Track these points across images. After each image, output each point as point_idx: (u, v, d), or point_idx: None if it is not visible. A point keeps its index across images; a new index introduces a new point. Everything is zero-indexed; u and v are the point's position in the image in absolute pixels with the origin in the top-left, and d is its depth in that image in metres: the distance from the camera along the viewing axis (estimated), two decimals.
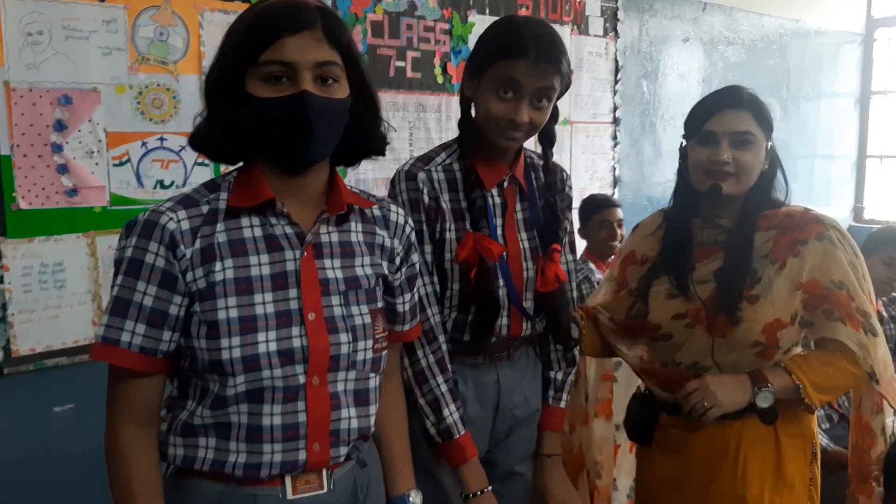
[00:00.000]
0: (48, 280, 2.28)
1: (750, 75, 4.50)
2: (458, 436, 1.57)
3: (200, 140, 1.24)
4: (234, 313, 1.18)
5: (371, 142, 1.32)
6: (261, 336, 1.18)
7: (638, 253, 1.86)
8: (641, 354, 1.79)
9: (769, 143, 1.69)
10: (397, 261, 1.38)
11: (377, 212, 1.36)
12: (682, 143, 1.75)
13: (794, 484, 1.69)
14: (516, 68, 1.50)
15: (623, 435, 1.99)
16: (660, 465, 1.81)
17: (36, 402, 2.29)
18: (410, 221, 1.42)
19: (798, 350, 1.70)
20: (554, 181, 1.71)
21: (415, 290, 1.44)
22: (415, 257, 1.42)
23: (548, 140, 1.67)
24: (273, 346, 1.19)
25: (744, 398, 1.62)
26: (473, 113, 1.62)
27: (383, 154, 1.34)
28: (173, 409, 1.26)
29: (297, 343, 1.20)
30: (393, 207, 1.39)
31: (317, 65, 1.18)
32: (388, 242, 1.36)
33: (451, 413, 1.56)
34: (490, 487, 1.58)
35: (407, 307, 1.42)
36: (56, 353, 2.30)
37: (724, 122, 1.65)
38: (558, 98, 1.61)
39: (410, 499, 1.44)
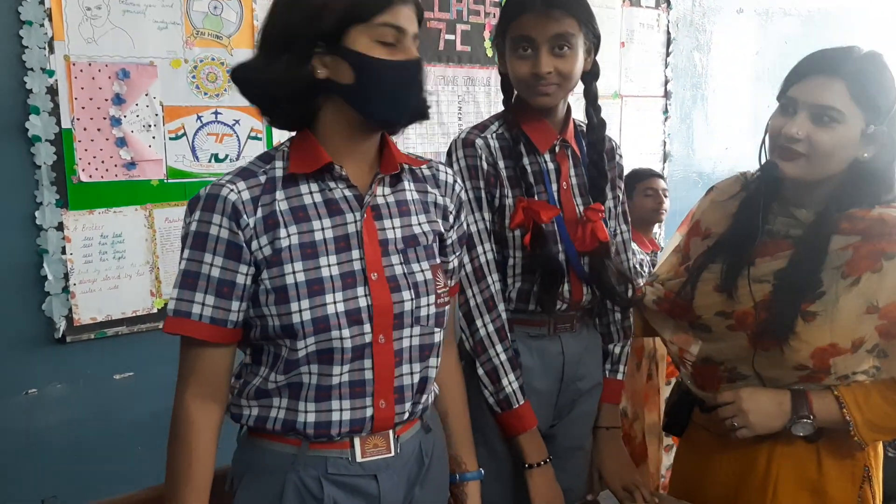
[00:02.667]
0: (108, 251, 2.32)
1: (806, 50, 4.36)
2: (516, 405, 1.57)
3: (269, 90, 1.23)
4: (301, 277, 1.21)
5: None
6: (328, 297, 1.21)
7: (703, 224, 1.66)
8: (682, 344, 1.63)
9: (871, 127, 1.39)
10: (451, 219, 1.40)
11: (427, 171, 1.38)
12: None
13: None
14: (525, 23, 1.52)
15: None
16: (691, 462, 1.71)
17: (97, 369, 2.34)
18: (459, 181, 1.44)
19: (861, 378, 1.45)
20: (599, 139, 1.67)
21: (463, 248, 1.45)
22: (464, 217, 1.44)
23: (590, 98, 1.65)
24: (340, 307, 1.22)
25: (778, 423, 1.45)
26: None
27: (428, 117, 1.34)
28: (245, 376, 1.29)
29: (362, 303, 1.23)
30: (441, 167, 1.41)
31: (414, 35, 1.24)
32: (440, 200, 1.38)
33: (510, 382, 1.56)
34: (549, 459, 1.58)
35: (456, 263, 1.44)
36: (116, 322, 2.35)
37: (808, 91, 1.40)
38: (596, 51, 1.60)
39: (469, 476, 1.46)
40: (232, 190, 1.21)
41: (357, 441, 1.27)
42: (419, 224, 1.33)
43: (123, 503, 1.62)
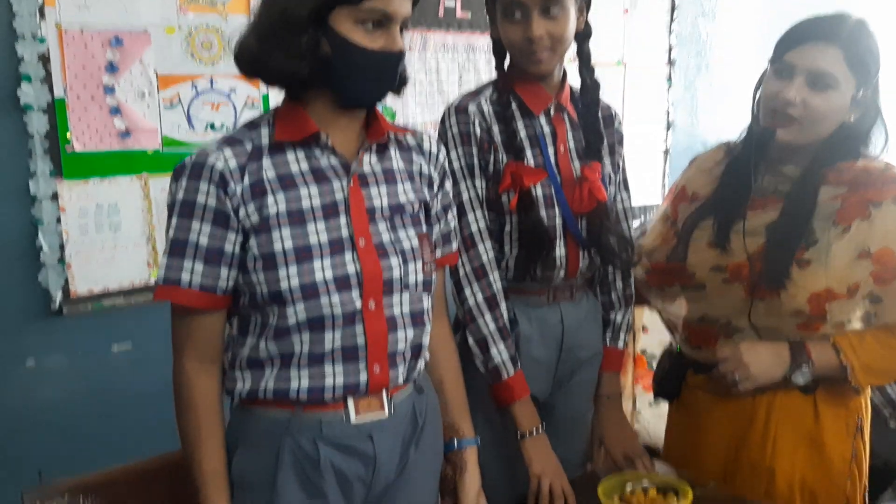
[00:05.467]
0: (103, 222, 2.29)
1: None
2: (506, 376, 1.55)
3: (272, 65, 1.21)
4: (289, 244, 1.21)
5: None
6: (316, 264, 1.21)
7: (689, 189, 1.70)
8: (674, 308, 1.68)
9: (860, 92, 1.45)
10: (434, 187, 1.40)
11: (411, 140, 1.39)
12: (766, 67, 1.55)
13: (833, 459, 1.56)
14: None
15: None
16: (686, 426, 1.73)
17: (95, 342, 2.33)
18: (444, 150, 1.44)
19: (857, 325, 1.50)
20: (593, 101, 1.64)
21: (448, 217, 1.44)
22: (448, 186, 1.44)
23: (582, 58, 1.62)
24: (329, 273, 1.22)
25: (779, 372, 1.49)
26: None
27: (400, 94, 1.34)
28: (233, 348, 1.29)
29: (350, 269, 1.23)
30: (426, 136, 1.41)
31: (404, 20, 1.22)
32: (425, 169, 1.38)
33: (499, 353, 1.55)
34: (542, 425, 1.57)
35: (441, 234, 1.43)
36: (113, 294, 2.33)
37: (805, 56, 1.43)
38: (587, 9, 1.58)
39: (466, 443, 1.46)
40: (219, 157, 1.20)
41: (351, 402, 1.27)
42: (405, 192, 1.33)
43: (121, 474, 1.62)
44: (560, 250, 1.58)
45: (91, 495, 1.60)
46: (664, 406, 1.81)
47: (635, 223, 1.78)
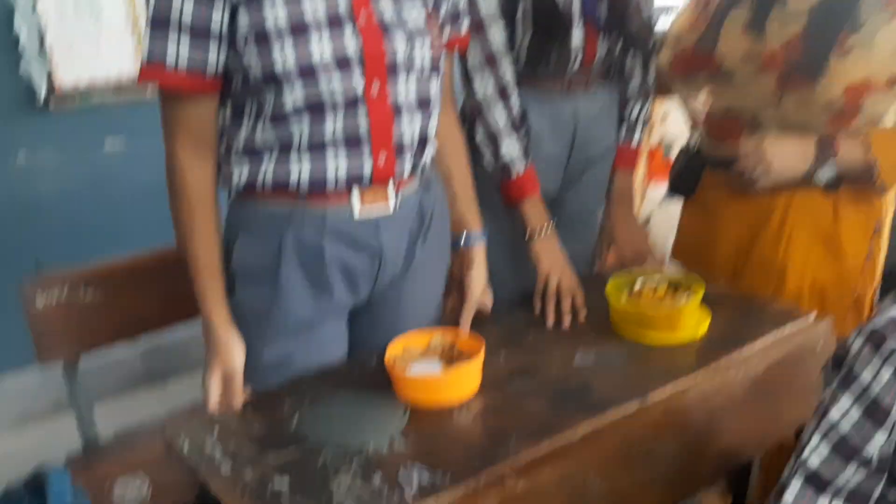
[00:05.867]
0: (83, 7, 2.13)
1: None
2: (516, 174, 1.48)
3: None
4: (282, 18, 1.10)
5: None
6: (313, 40, 1.11)
7: None
8: (698, 99, 1.57)
9: None
10: None
11: None
12: None
13: (847, 260, 1.52)
14: None
15: None
16: (699, 224, 1.68)
17: (87, 137, 2.26)
18: None
19: (892, 120, 1.43)
20: None
21: None
22: None
23: None
24: (327, 52, 1.12)
25: (802, 168, 1.42)
26: None
27: None
28: (228, 134, 1.21)
29: (350, 46, 1.13)
30: None
31: None
32: None
33: (509, 148, 1.46)
34: (552, 223, 1.51)
35: (449, 13, 1.31)
36: (101, 89, 2.21)
37: None
38: None
39: (473, 237, 1.42)
40: None
41: (356, 193, 1.21)
42: None
43: (120, 265, 1.60)
44: (577, 34, 1.45)
45: (90, 286, 1.58)
46: (674, 210, 1.75)
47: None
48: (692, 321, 1.36)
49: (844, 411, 0.90)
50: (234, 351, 1.20)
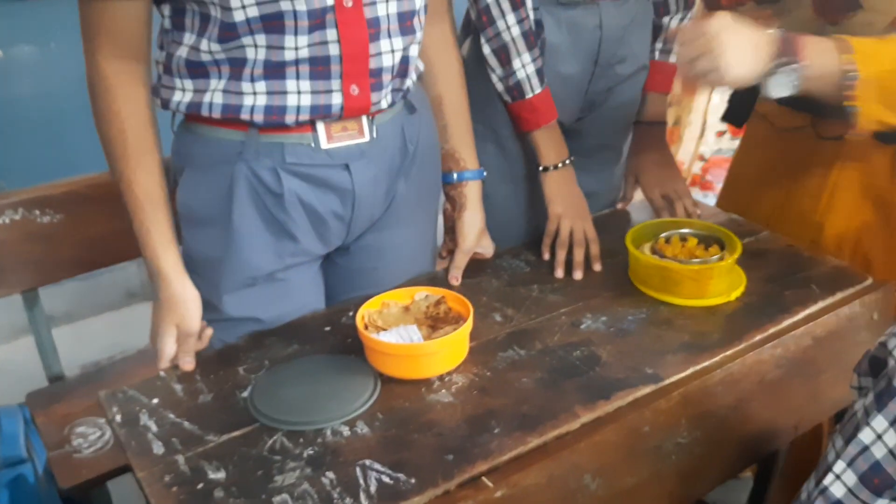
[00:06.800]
0: None
1: None
2: (530, 94, 1.25)
3: None
4: None
5: None
6: None
7: None
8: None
9: None
10: None
11: None
12: None
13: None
14: None
15: None
16: (745, 165, 1.47)
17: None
18: None
19: None
20: None
21: None
22: None
23: None
24: None
25: (756, 68, 1.00)
26: None
27: None
28: (167, 47, 1.00)
29: None
30: None
31: None
32: None
33: (523, 65, 1.23)
34: (571, 159, 1.30)
35: None
36: None
37: None
38: None
39: (468, 174, 1.23)
40: None
41: (321, 127, 1.01)
42: None
43: (83, 186, 1.45)
44: None
45: (48, 209, 1.42)
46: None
47: None
48: (725, 282, 1.15)
49: (878, 435, 0.70)
50: (192, 306, 1.03)
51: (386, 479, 0.83)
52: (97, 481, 1.30)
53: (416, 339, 1.00)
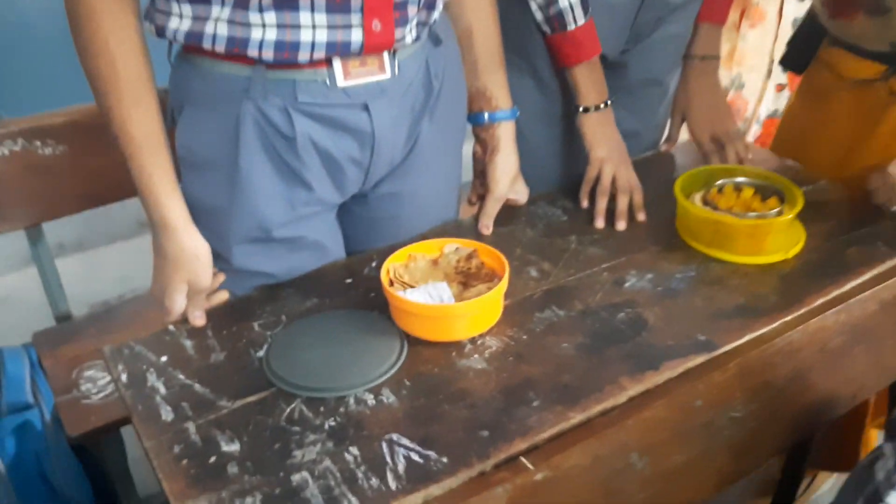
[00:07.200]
0: None
1: None
2: (573, 26, 1.13)
3: None
4: None
5: None
6: None
7: None
8: None
9: None
10: None
11: None
12: None
13: None
14: None
15: None
16: (806, 112, 1.36)
17: None
18: None
19: None
20: None
21: None
22: None
23: None
24: None
25: None
26: None
27: None
28: None
29: None
30: None
31: None
32: None
33: None
34: (610, 101, 1.18)
35: None
36: None
37: None
38: None
39: (500, 114, 1.11)
40: None
41: (338, 63, 0.90)
42: None
43: (84, 115, 1.34)
44: None
45: (50, 139, 1.34)
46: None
47: None
48: (783, 238, 1.05)
49: None
50: (204, 261, 0.94)
51: (415, 457, 0.76)
52: (107, 429, 1.24)
53: (447, 299, 0.91)
